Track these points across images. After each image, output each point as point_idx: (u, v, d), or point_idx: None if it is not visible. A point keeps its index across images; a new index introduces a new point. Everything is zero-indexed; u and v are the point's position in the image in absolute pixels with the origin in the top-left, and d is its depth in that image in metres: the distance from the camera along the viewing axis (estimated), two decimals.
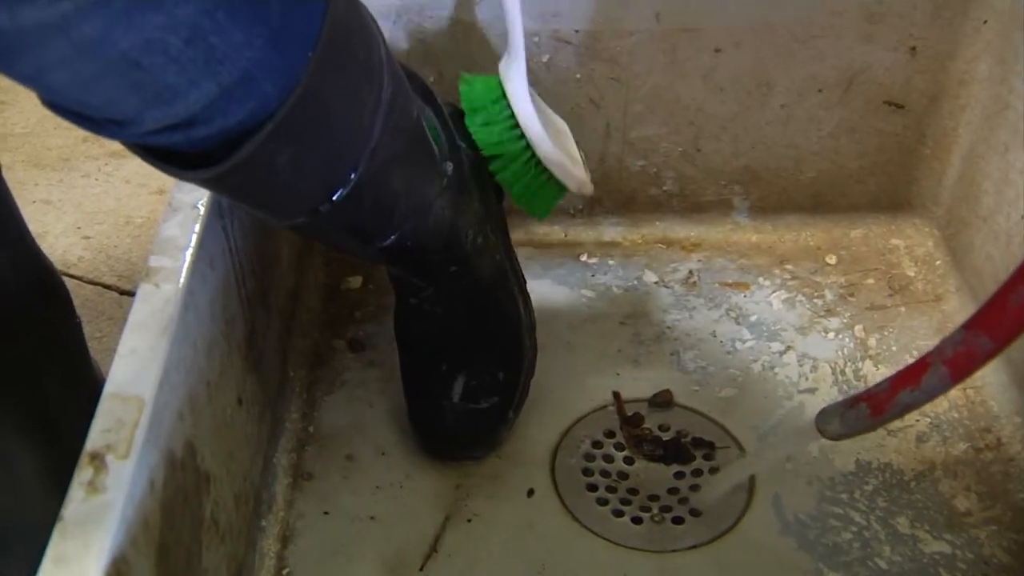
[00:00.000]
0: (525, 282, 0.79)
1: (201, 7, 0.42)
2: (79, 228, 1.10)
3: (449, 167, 0.70)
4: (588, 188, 0.80)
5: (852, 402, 0.60)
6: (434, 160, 0.68)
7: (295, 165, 0.53)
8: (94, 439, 0.47)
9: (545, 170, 0.77)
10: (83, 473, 0.45)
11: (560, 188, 0.79)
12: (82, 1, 0.39)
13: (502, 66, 0.75)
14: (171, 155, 0.49)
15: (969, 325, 0.53)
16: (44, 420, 0.71)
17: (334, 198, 0.58)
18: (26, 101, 1.28)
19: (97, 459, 0.46)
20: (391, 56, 0.60)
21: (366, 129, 0.58)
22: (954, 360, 0.54)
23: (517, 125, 0.75)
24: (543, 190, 0.78)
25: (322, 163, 0.56)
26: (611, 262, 0.93)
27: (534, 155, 0.76)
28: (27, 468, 0.71)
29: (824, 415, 0.62)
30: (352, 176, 0.58)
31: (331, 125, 0.54)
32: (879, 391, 0.58)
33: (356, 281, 0.90)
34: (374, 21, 0.58)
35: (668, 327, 0.86)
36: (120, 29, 0.40)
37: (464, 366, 0.75)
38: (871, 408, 0.59)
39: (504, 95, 0.75)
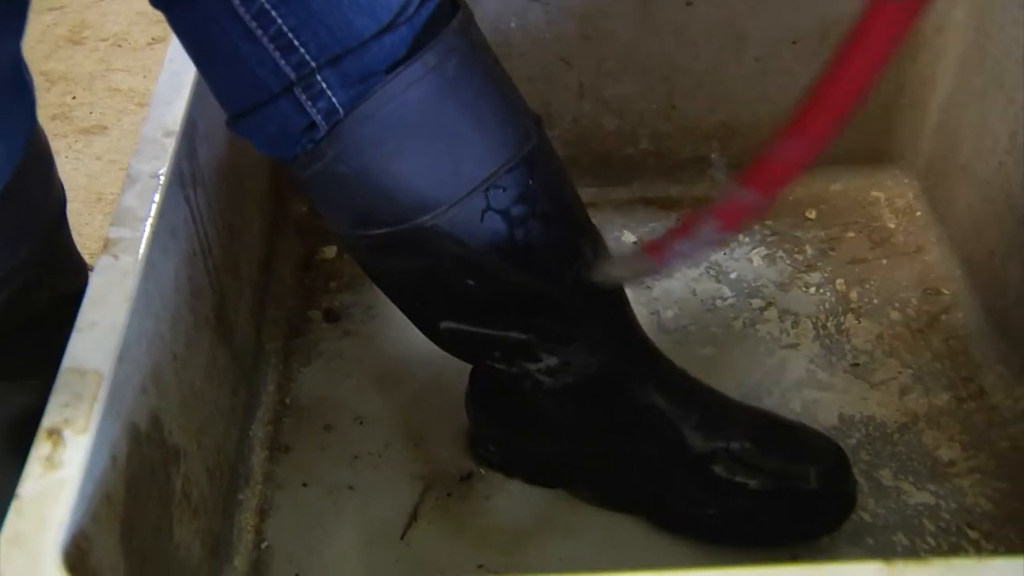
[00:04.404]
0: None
1: None
2: None
3: None
4: None
5: (637, 251, 0.60)
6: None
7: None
8: (51, 414, 0.45)
9: None
10: (40, 449, 0.44)
11: None
12: None
13: None
14: None
15: (739, 179, 0.53)
16: None
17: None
18: None
19: (55, 434, 0.45)
20: None
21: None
22: (724, 212, 0.54)
23: None
24: None
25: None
26: None
27: None
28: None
29: (608, 262, 0.61)
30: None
31: None
32: (659, 239, 0.58)
33: (331, 251, 0.89)
34: None
35: (647, 286, 0.85)
36: None
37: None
38: (651, 254, 0.58)
39: None
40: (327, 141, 0.54)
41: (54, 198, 0.66)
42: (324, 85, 0.52)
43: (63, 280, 0.66)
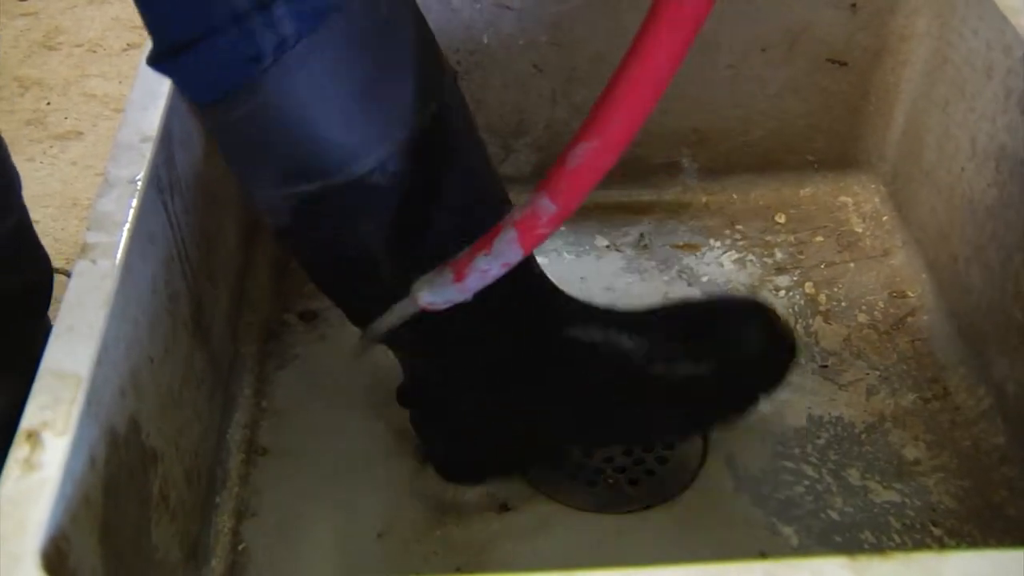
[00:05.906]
0: None
1: None
2: None
3: None
4: None
5: (440, 268, 0.58)
6: None
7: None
8: (30, 417, 0.46)
9: None
10: (19, 451, 0.45)
11: None
12: None
13: None
14: None
15: (537, 188, 0.52)
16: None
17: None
18: None
19: (33, 436, 0.45)
20: None
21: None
22: (522, 222, 0.53)
23: None
24: None
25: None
26: (562, 227, 0.92)
27: None
28: None
29: (418, 282, 0.59)
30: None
31: None
32: (460, 256, 0.56)
33: None
34: None
35: (620, 291, 0.86)
36: None
37: None
38: (455, 274, 0.57)
39: None
40: (271, 73, 0.52)
41: (5, 180, 0.65)
42: (280, 13, 0.51)
43: (22, 268, 0.65)
